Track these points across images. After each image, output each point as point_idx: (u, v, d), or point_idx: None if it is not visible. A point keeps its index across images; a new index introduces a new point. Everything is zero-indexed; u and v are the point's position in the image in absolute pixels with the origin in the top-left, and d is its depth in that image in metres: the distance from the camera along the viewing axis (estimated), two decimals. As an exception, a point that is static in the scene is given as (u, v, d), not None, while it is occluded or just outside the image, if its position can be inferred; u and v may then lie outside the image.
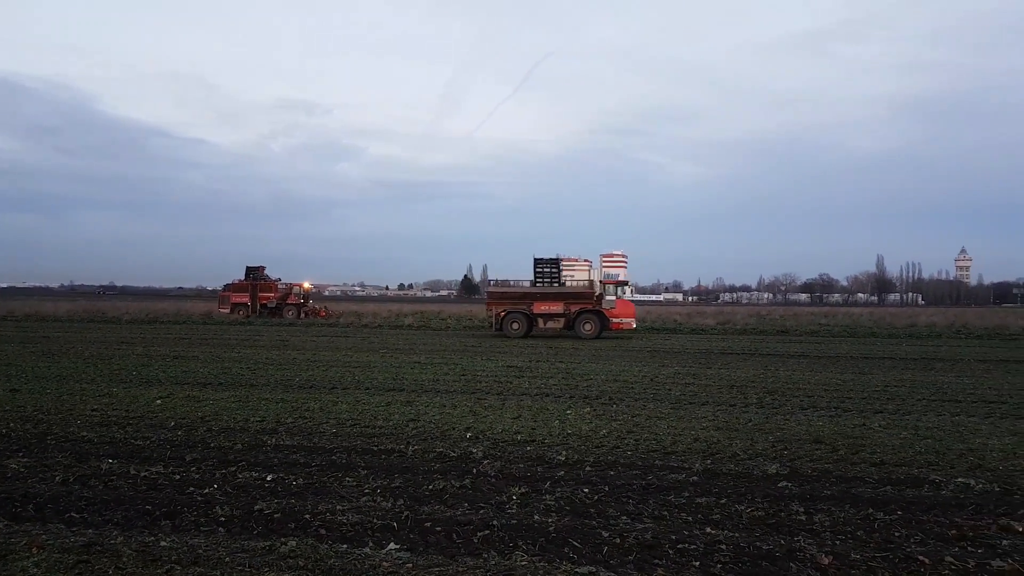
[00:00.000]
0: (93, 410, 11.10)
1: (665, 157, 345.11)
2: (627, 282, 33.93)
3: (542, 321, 31.38)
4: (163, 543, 5.32)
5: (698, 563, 5.07)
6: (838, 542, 5.50)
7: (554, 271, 32.42)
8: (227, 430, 9.69)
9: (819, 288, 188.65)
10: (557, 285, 32.05)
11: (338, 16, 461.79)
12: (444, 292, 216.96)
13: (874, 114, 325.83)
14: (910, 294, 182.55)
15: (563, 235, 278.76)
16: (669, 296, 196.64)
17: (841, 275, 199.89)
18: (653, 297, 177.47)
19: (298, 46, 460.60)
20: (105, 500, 6.47)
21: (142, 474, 7.33)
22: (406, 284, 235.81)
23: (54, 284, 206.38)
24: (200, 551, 5.16)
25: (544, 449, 8.66)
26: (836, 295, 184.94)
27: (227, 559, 5.02)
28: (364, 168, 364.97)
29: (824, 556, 5.15)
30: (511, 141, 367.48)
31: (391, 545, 5.35)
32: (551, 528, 5.77)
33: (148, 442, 8.87)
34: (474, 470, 7.63)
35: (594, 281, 32.35)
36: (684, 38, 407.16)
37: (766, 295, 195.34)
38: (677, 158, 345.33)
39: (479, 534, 5.63)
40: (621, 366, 18.85)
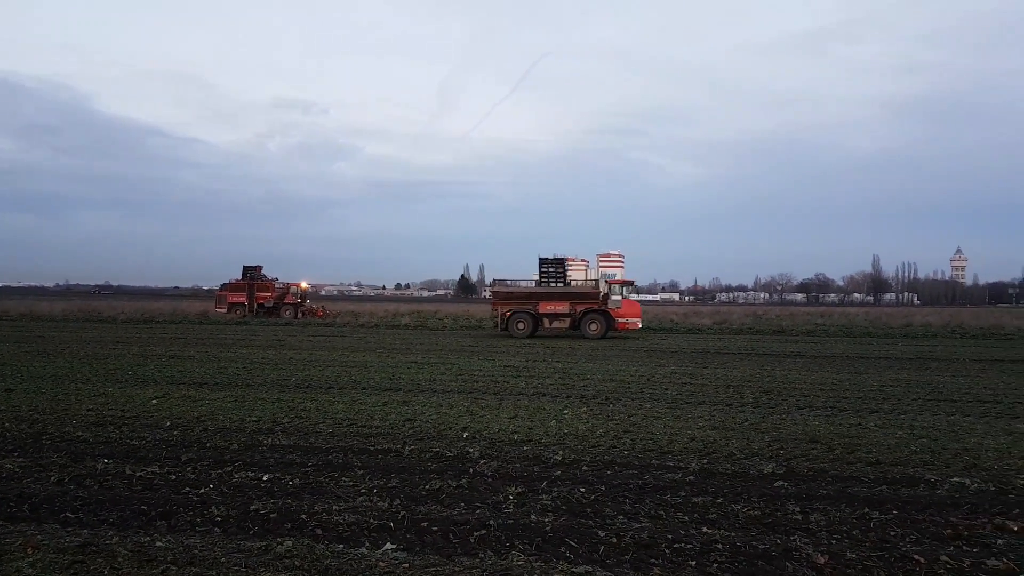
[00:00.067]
0: (88, 410, 11.08)
1: (662, 157, 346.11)
2: (632, 282, 33.59)
3: (548, 321, 31.24)
4: (159, 543, 5.31)
5: (694, 562, 5.07)
6: (834, 541, 5.51)
7: (559, 271, 32.17)
8: (223, 430, 9.68)
9: (815, 288, 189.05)
10: (562, 285, 31.85)
11: (335, 16, 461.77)
12: (441, 292, 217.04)
13: (871, 114, 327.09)
14: (906, 294, 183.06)
15: (560, 235, 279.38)
16: (666, 296, 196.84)
17: (837, 275, 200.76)
18: (650, 297, 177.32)
19: (295, 46, 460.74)
20: (100, 500, 6.45)
21: (138, 474, 7.31)
22: (403, 284, 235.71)
23: (49, 283, 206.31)
24: (196, 551, 5.15)
25: (541, 449, 8.66)
26: (832, 295, 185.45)
27: (223, 559, 5.01)
28: (361, 168, 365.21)
29: (820, 555, 5.16)
30: (508, 141, 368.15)
31: (387, 545, 5.35)
32: (548, 528, 5.77)
33: (144, 442, 8.85)
34: (471, 470, 7.62)
35: (600, 281, 32.17)
36: (682, 38, 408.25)
37: (762, 295, 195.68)
38: (674, 158, 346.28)
39: (476, 534, 5.63)
40: (618, 366, 18.86)
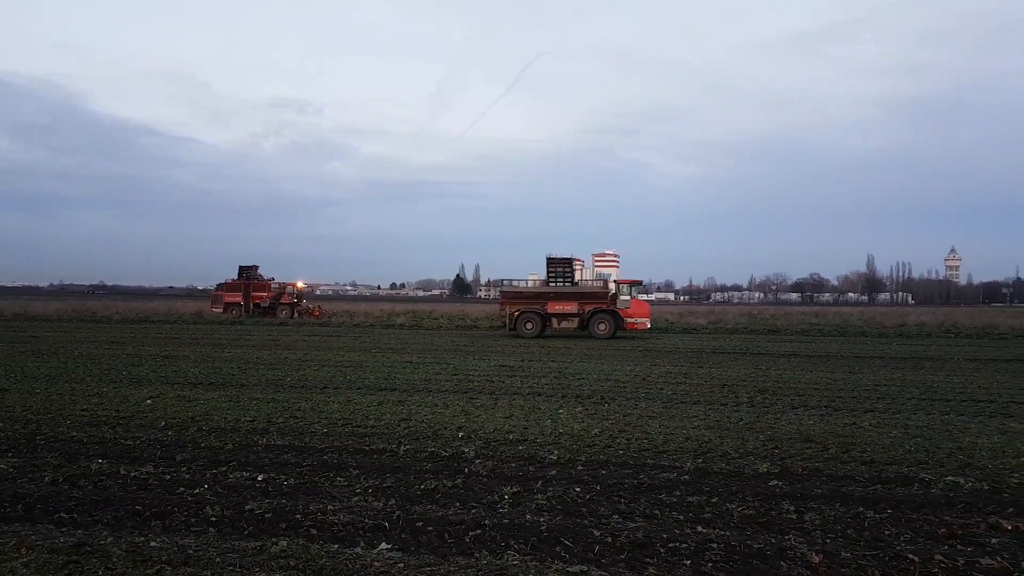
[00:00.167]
0: (83, 410, 11.04)
1: (658, 157, 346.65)
2: (641, 281, 33.21)
3: (556, 321, 31.07)
4: (153, 543, 5.30)
5: (689, 562, 5.08)
6: (828, 540, 5.52)
7: (567, 271, 31.98)
8: (218, 430, 9.66)
9: (810, 288, 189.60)
10: (570, 284, 31.68)
11: (331, 15, 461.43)
12: (436, 292, 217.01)
13: (868, 115, 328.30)
14: (900, 294, 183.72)
15: (557, 235, 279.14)
16: (661, 295, 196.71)
17: (832, 275, 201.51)
18: (645, 296, 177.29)
19: (290, 45, 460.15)
20: (95, 500, 6.43)
21: (132, 474, 7.29)
22: (398, 284, 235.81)
23: (43, 283, 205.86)
24: (191, 551, 5.14)
25: (536, 448, 8.66)
26: (827, 295, 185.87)
27: (218, 559, 5.00)
28: (356, 167, 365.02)
29: (814, 555, 5.17)
30: (504, 141, 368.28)
31: (382, 545, 5.34)
32: (543, 527, 5.77)
33: (138, 442, 8.83)
34: (466, 470, 7.62)
35: (608, 280, 32.01)
36: (679, 38, 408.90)
37: (757, 294, 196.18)
38: (670, 158, 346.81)
39: (471, 533, 5.63)
40: (613, 365, 18.88)
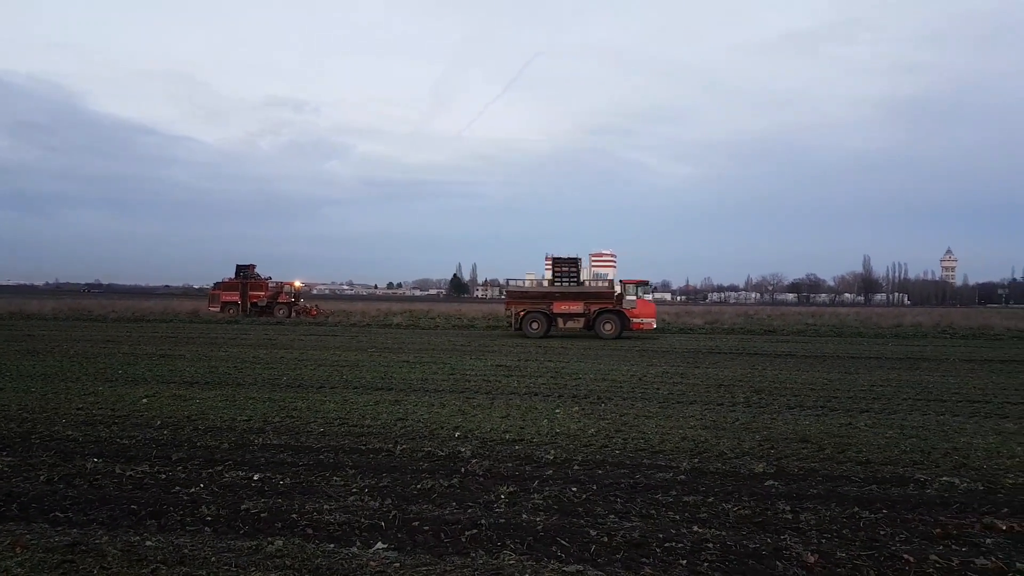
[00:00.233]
0: (78, 409, 11.02)
1: (654, 157, 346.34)
2: (647, 281, 32.92)
3: (562, 321, 30.95)
4: (148, 543, 5.29)
5: (685, 561, 5.09)
6: (824, 540, 5.53)
7: (573, 270, 31.76)
8: (214, 429, 9.64)
9: (806, 288, 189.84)
10: (576, 284, 31.50)
11: (327, 14, 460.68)
12: (433, 291, 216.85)
13: (863, 115, 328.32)
14: (896, 294, 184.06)
15: (553, 235, 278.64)
16: (658, 295, 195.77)
17: (828, 275, 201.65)
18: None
19: (286, 44, 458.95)
20: (90, 499, 6.42)
21: (127, 473, 7.28)
22: (395, 283, 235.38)
23: (39, 282, 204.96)
24: (186, 551, 5.13)
25: (532, 448, 8.67)
26: (823, 295, 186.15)
27: (213, 559, 4.99)
28: (353, 166, 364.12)
29: (810, 554, 5.18)
30: (501, 140, 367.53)
31: (378, 544, 5.34)
32: (539, 527, 5.78)
33: (134, 441, 8.81)
34: (462, 469, 7.62)
35: (614, 280, 31.91)
36: (676, 39, 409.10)
37: (754, 295, 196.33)
38: (667, 158, 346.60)
39: (467, 533, 5.63)
40: (610, 365, 18.89)
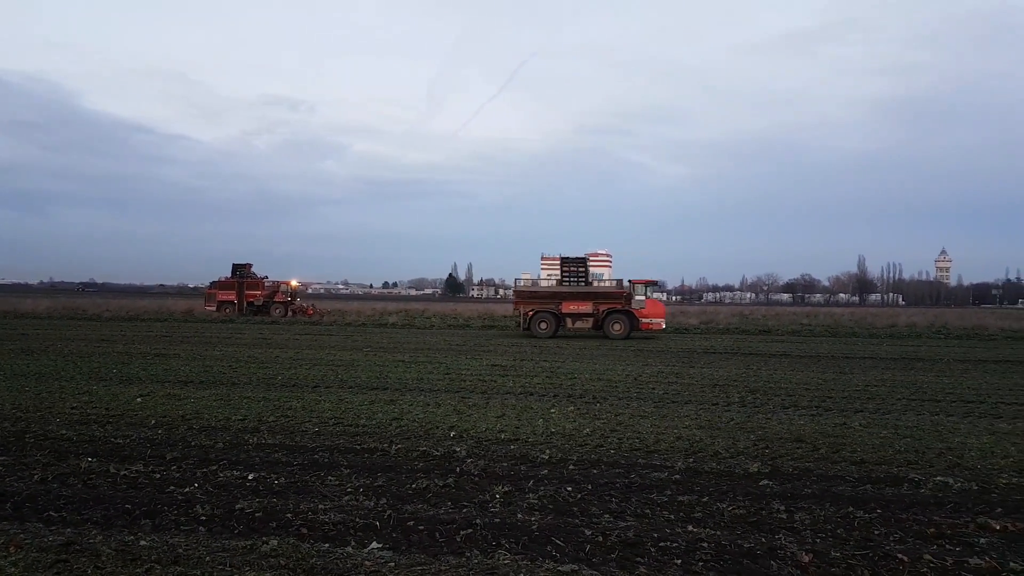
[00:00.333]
0: (72, 408, 10.99)
1: (650, 157, 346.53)
2: (656, 281, 32.72)
3: (570, 321, 30.87)
4: (143, 542, 5.28)
5: (680, 561, 5.10)
6: (818, 540, 5.55)
7: (581, 270, 31.69)
8: (208, 429, 9.62)
9: (801, 288, 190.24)
10: (584, 284, 31.48)
11: (323, 13, 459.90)
12: (429, 291, 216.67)
13: (859, 116, 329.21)
14: (891, 294, 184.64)
15: (550, 235, 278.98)
16: (655, 295, 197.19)
17: (823, 275, 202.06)
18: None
19: (283, 43, 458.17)
20: (84, 499, 6.40)
21: (122, 473, 7.26)
22: (390, 282, 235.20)
23: (33, 281, 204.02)
24: (180, 550, 5.12)
25: (528, 448, 8.67)
26: (818, 295, 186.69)
27: (207, 558, 4.98)
28: (348, 166, 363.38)
29: (804, 554, 5.19)
30: (496, 140, 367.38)
31: (373, 544, 5.34)
32: (534, 526, 5.78)
33: (128, 440, 8.79)
34: (457, 469, 7.62)
35: (623, 280, 31.87)
36: (671, 39, 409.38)
37: (749, 295, 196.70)
38: (662, 158, 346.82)
39: (462, 533, 5.63)
40: (605, 365, 18.90)
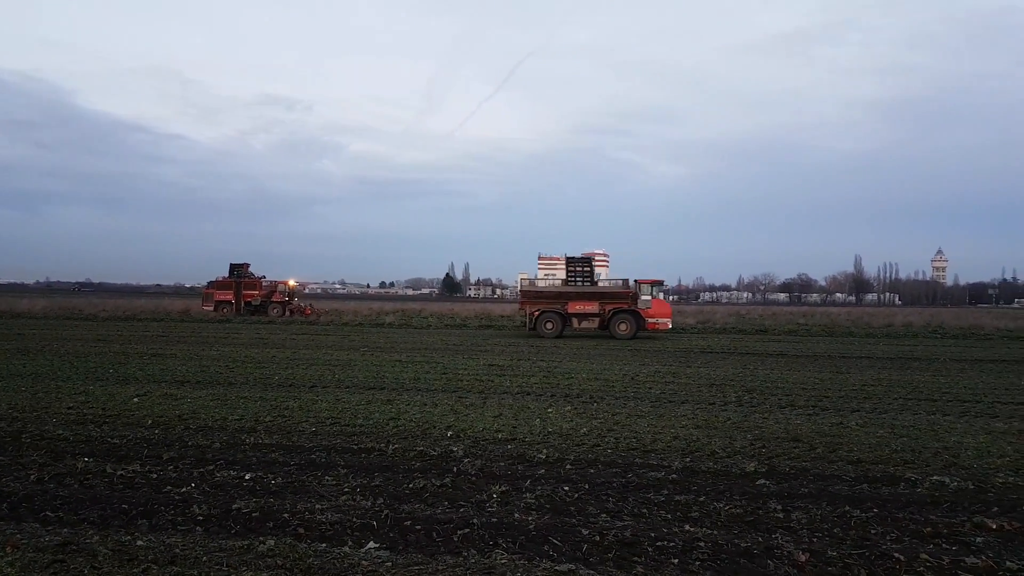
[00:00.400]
0: (69, 408, 10.96)
1: (646, 157, 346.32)
2: (662, 281, 32.74)
3: (577, 321, 30.80)
4: (140, 542, 5.27)
5: (677, 560, 5.10)
6: (815, 539, 5.56)
7: (587, 269, 31.59)
8: (205, 428, 9.61)
9: (798, 288, 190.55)
10: (590, 284, 31.37)
11: (319, 13, 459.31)
12: (426, 290, 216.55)
13: (853, 116, 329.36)
14: (887, 294, 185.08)
15: (546, 234, 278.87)
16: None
17: (819, 275, 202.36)
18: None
19: (279, 42, 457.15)
20: (81, 499, 6.39)
21: (118, 473, 7.25)
22: (387, 282, 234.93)
23: (29, 280, 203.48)
24: (177, 550, 5.12)
25: (525, 447, 8.67)
26: (814, 295, 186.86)
27: (204, 558, 4.98)
28: (345, 165, 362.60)
29: (801, 553, 5.20)
30: (493, 140, 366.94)
31: (370, 544, 5.33)
32: (531, 526, 5.78)
33: (125, 440, 8.78)
34: (455, 468, 7.62)
35: (629, 280, 31.82)
36: (667, 39, 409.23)
37: (745, 294, 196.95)
38: (658, 158, 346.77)
39: (459, 532, 5.63)
40: (602, 365, 18.91)
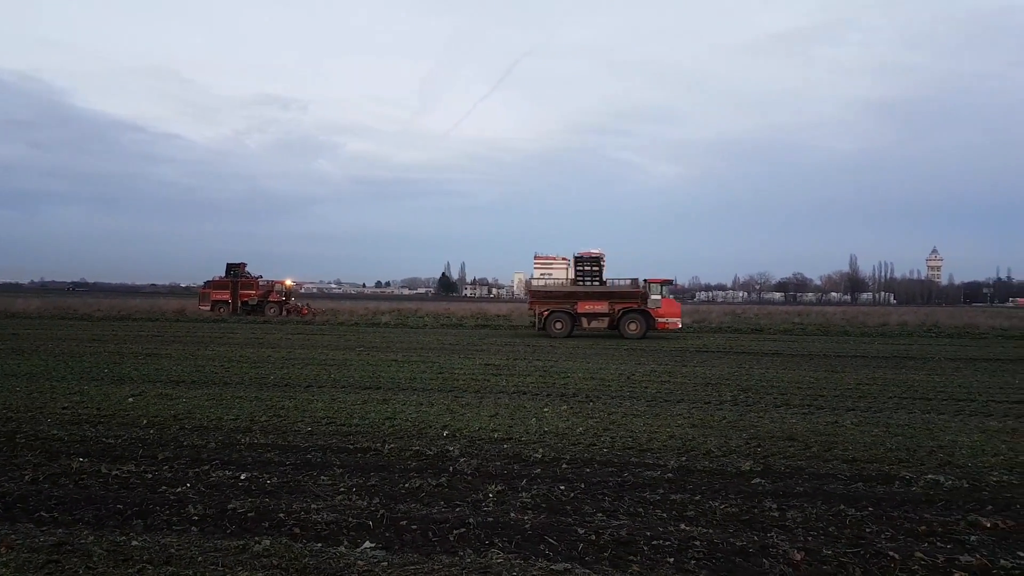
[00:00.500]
0: (64, 408, 10.93)
1: (643, 157, 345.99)
2: (672, 280, 32.68)
3: (586, 321, 30.80)
4: (135, 543, 5.26)
5: (672, 559, 5.11)
6: (810, 538, 5.57)
7: (596, 269, 31.51)
8: (200, 428, 9.59)
9: (793, 287, 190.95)
10: (599, 284, 31.30)
11: (316, 12, 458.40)
12: (422, 290, 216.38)
13: (852, 116, 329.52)
14: (882, 293, 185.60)
15: (543, 234, 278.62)
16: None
17: (815, 274, 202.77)
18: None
19: (274, 41, 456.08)
20: (75, 499, 6.37)
21: (113, 473, 7.23)
22: (383, 282, 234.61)
23: (24, 280, 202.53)
24: (172, 550, 5.10)
25: (521, 447, 8.68)
26: (810, 294, 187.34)
27: (200, 558, 4.97)
28: (341, 165, 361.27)
29: (796, 552, 5.21)
30: (490, 139, 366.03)
31: (366, 544, 5.33)
32: (527, 525, 5.79)
33: (120, 440, 8.75)
34: (451, 468, 7.62)
35: (638, 279, 31.80)
36: (664, 39, 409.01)
37: (741, 294, 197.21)
38: (655, 158, 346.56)
39: (455, 532, 5.63)
40: (598, 364, 18.93)
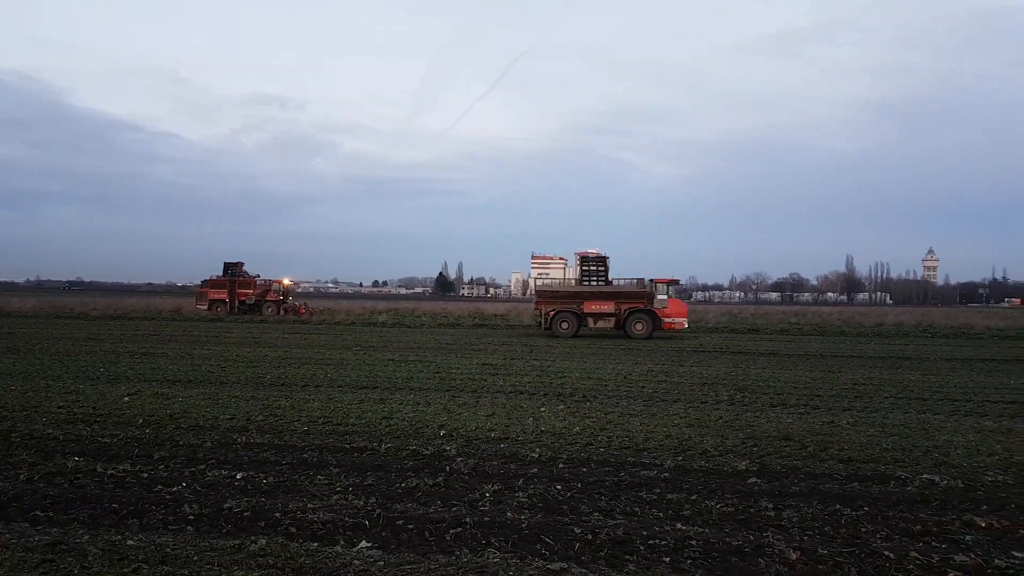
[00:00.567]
0: (59, 407, 10.90)
1: (640, 157, 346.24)
2: (678, 280, 32.51)
3: (592, 321, 30.73)
4: (130, 542, 5.25)
5: (668, 558, 5.12)
6: (806, 537, 5.59)
7: (602, 268, 31.49)
8: (196, 428, 9.58)
9: (789, 287, 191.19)
10: (604, 283, 31.30)
11: (313, 11, 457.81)
12: (419, 289, 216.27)
13: (846, 116, 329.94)
14: (878, 293, 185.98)
15: (540, 233, 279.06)
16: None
17: (811, 274, 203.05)
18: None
19: (272, 40, 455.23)
20: (71, 498, 6.36)
21: (109, 472, 7.21)
22: (380, 281, 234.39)
23: (20, 279, 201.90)
24: (168, 550, 5.09)
25: (518, 446, 8.68)
26: (806, 294, 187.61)
27: (195, 558, 4.96)
28: (338, 164, 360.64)
29: (792, 551, 5.22)
30: (487, 139, 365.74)
31: (363, 543, 5.33)
32: (524, 525, 5.79)
33: (115, 440, 8.74)
34: (447, 468, 7.62)
35: (645, 279, 31.65)
36: (662, 39, 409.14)
37: (738, 294, 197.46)
38: (652, 158, 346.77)
39: (452, 531, 5.63)
40: (595, 364, 18.94)
